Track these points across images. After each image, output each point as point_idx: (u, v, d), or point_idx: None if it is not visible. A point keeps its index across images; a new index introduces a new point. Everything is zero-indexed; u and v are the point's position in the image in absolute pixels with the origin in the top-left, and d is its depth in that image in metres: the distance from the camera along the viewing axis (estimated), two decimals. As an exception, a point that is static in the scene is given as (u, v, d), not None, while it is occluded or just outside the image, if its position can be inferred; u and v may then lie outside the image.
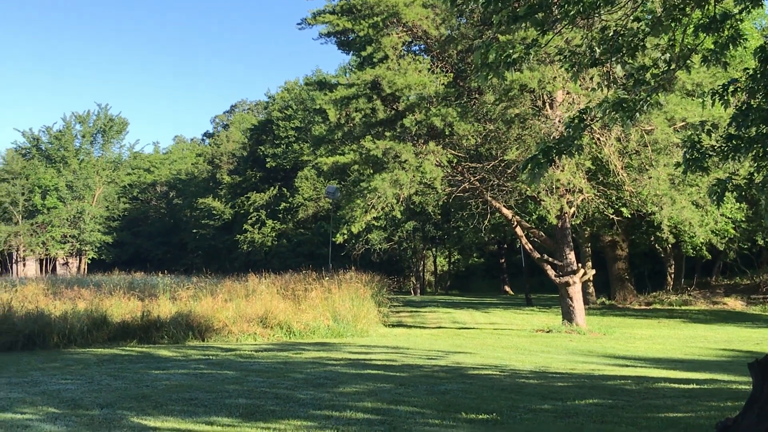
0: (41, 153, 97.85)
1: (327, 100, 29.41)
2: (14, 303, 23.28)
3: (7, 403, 11.23)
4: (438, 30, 28.25)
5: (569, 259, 28.54)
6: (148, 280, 36.99)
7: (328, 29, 29.89)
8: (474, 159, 29.44)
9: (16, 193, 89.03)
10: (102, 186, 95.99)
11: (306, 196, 72.86)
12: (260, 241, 73.79)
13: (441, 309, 41.03)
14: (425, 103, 27.33)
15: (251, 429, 9.37)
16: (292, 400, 11.55)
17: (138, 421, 9.83)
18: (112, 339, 22.31)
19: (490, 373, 15.55)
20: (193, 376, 14.54)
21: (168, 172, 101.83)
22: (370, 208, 26.96)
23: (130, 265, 70.63)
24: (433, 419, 10.06)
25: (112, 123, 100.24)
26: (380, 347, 21.24)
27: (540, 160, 9.70)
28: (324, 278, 30.91)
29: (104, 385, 13.20)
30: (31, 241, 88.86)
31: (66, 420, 9.94)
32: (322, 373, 14.86)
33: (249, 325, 24.25)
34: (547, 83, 24.94)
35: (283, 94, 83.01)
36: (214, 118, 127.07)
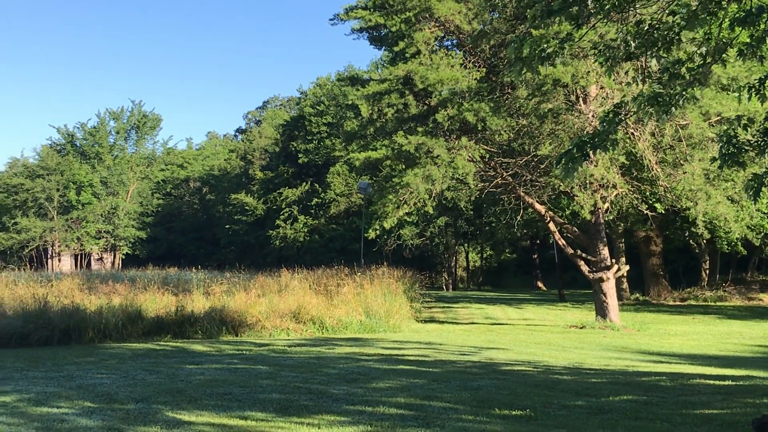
0: (76, 149, 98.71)
1: (359, 96, 29.42)
2: (50, 298, 23.45)
3: (44, 397, 11.33)
4: (470, 25, 28.14)
5: (603, 255, 28.36)
6: (182, 276, 37.16)
7: (360, 25, 29.88)
8: (507, 154, 29.32)
9: (52, 189, 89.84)
10: (136, 182, 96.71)
11: (338, 192, 72.95)
12: (292, 237, 74.00)
13: (473, 305, 40.96)
14: (458, 99, 27.26)
15: (285, 424, 9.39)
16: (326, 395, 11.56)
17: (173, 416, 9.88)
18: (146, 334, 22.44)
19: (523, 369, 15.48)
20: (227, 371, 14.60)
21: (201, 168, 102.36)
22: (402, 204, 26.94)
23: (164, 260, 71.17)
24: (467, 415, 10.03)
25: (146, 119, 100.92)
26: (413, 343, 21.22)
27: (574, 154, 9.64)
28: (356, 274, 30.92)
29: (139, 379, 13.29)
30: (66, 236, 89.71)
31: (101, 414, 10.02)
32: (355, 369, 14.87)
33: (282, 320, 24.31)
34: (581, 78, 24.78)
35: (315, 90, 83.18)
36: (247, 114, 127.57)
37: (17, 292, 26.31)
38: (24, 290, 26.86)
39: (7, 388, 12.31)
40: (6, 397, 11.35)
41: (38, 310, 21.70)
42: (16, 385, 12.61)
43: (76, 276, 39.57)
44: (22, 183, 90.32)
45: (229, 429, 9.13)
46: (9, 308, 22.50)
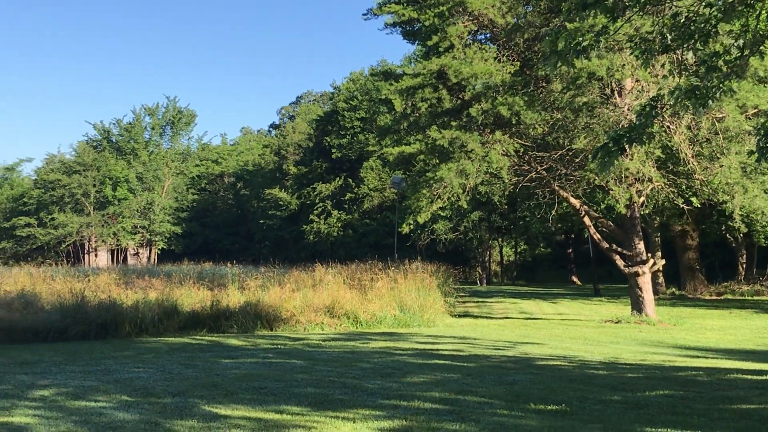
0: (112, 145, 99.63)
1: (392, 90, 29.38)
2: (87, 293, 23.65)
3: (82, 391, 11.43)
4: (504, 18, 28.02)
5: (638, 249, 28.16)
6: (217, 270, 37.37)
7: (393, 19, 29.86)
8: (541, 148, 29.16)
9: (88, 185, 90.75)
10: (171, 177, 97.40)
11: (371, 187, 73.00)
12: (326, 232, 74.17)
13: (507, 299, 40.86)
14: (491, 92, 27.16)
15: (320, 418, 9.41)
16: (360, 389, 11.58)
17: (209, 410, 9.94)
18: (182, 328, 22.55)
19: (558, 363, 15.42)
20: (263, 365, 14.66)
21: (235, 164, 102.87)
22: (436, 198, 26.90)
23: (199, 255, 71.60)
24: (502, 410, 10.01)
25: (181, 115, 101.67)
26: (447, 337, 21.19)
27: (611, 148, 9.58)
28: (390, 268, 30.92)
29: (175, 373, 13.37)
30: (103, 231, 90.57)
31: (139, 408, 10.09)
32: (389, 363, 14.88)
33: (316, 314, 24.37)
34: (616, 71, 24.58)
35: (349, 85, 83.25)
36: (280, 109, 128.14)
37: (55, 287, 26.58)
38: (61, 285, 27.14)
39: (46, 381, 12.44)
40: (45, 390, 11.47)
41: (75, 304, 21.89)
42: (55, 379, 12.74)
43: (112, 271, 40.01)
44: (59, 179, 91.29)
45: (264, 423, 9.16)
46: (47, 303, 22.73)
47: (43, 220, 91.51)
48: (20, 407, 10.10)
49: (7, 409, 9.99)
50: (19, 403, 10.39)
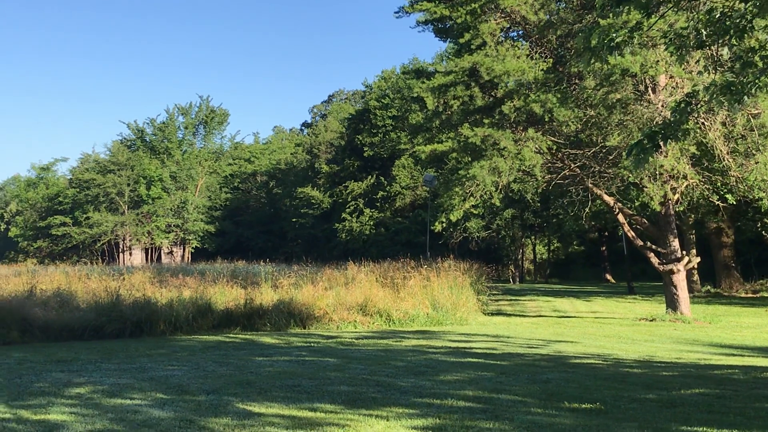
0: (146, 144, 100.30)
1: (424, 88, 29.32)
2: (122, 291, 23.83)
3: (117, 389, 11.52)
4: (537, 15, 27.89)
5: (673, 247, 27.94)
6: (250, 269, 37.52)
7: (425, 17, 29.82)
8: (574, 145, 29.02)
9: (122, 184, 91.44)
10: (204, 176, 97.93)
11: (403, 185, 72.98)
12: (358, 230, 74.23)
13: (541, 297, 40.71)
14: (524, 90, 27.07)
15: (354, 416, 9.41)
16: (394, 387, 11.57)
17: (243, 407, 9.98)
18: (216, 326, 22.68)
19: (592, 362, 15.34)
20: (296, 363, 14.70)
21: (268, 162, 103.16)
22: (469, 196, 26.85)
23: (232, 253, 71.94)
24: (536, 408, 9.96)
25: (214, 114, 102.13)
26: (480, 336, 21.15)
27: (645, 145, 9.51)
28: (422, 266, 30.89)
29: (210, 371, 13.44)
30: (137, 230, 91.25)
31: (174, 405, 10.15)
32: (422, 361, 14.86)
33: (349, 312, 24.40)
34: (650, 67, 24.40)
35: (380, 83, 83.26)
36: (312, 108, 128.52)
37: (90, 286, 26.83)
38: (96, 284, 27.39)
39: (82, 379, 12.54)
40: (80, 388, 11.57)
41: (111, 303, 22.07)
42: (90, 377, 12.84)
43: (146, 269, 40.29)
44: (94, 178, 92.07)
45: (298, 420, 9.18)
46: (82, 301, 22.93)
47: (78, 219, 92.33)
48: (57, 404, 10.20)
49: (43, 406, 10.09)
50: (55, 401, 10.49)
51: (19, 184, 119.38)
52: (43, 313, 20.98)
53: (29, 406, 10.10)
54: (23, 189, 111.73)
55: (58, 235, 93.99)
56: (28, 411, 9.79)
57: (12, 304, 20.89)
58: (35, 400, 10.61)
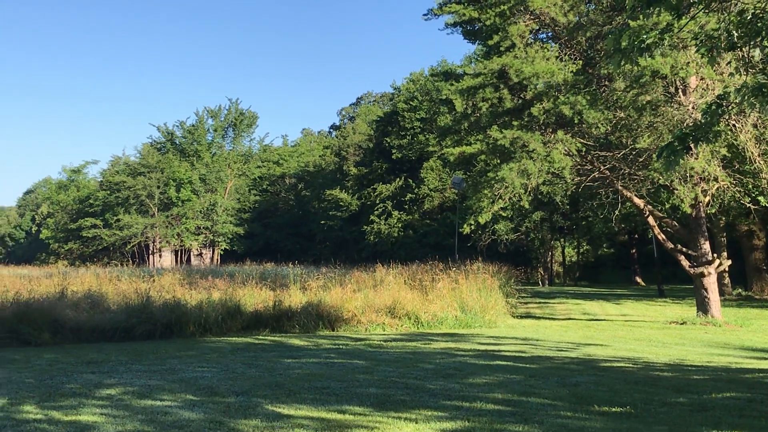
0: (175, 147, 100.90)
1: (453, 91, 29.27)
2: (152, 293, 23.97)
3: (147, 390, 11.60)
4: (566, 17, 27.79)
5: (704, 249, 27.72)
6: (279, 271, 37.62)
7: (454, 19, 29.80)
8: (604, 147, 28.87)
9: (152, 187, 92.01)
10: (233, 178, 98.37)
11: (432, 187, 72.89)
12: (386, 232, 74.21)
13: (570, 300, 40.53)
14: (553, 92, 26.97)
15: (383, 418, 9.42)
16: (423, 390, 11.57)
17: (272, 409, 10.02)
18: (245, 328, 22.74)
19: (622, 365, 15.24)
20: (325, 365, 14.73)
21: (296, 165, 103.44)
22: (497, 199, 26.79)
23: (261, 255, 72.21)
24: (565, 411, 9.93)
25: (243, 117, 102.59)
26: (509, 338, 21.08)
27: (676, 147, 9.44)
28: (451, 269, 30.82)
29: (239, 373, 13.50)
30: (167, 232, 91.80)
31: (203, 407, 10.21)
32: (451, 364, 14.84)
33: (377, 315, 24.38)
34: (680, 69, 24.23)
35: (409, 86, 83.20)
36: (341, 110, 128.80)
37: (121, 288, 27.02)
38: (127, 285, 27.58)
39: (112, 380, 12.64)
40: (111, 389, 11.66)
41: (141, 304, 22.20)
42: (121, 378, 12.94)
43: (176, 271, 40.53)
44: (124, 180, 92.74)
45: (327, 423, 9.20)
46: (113, 303, 23.09)
47: (109, 222, 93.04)
48: (87, 406, 10.29)
49: (74, 407, 10.18)
50: (86, 402, 10.58)
51: (51, 186, 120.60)
52: (74, 315, 21.13)
53: (60, 407, 10.20)
54: (54, 191, 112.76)
55: (88, 237, 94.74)
56: (60, 412, 9.89)
57: (43, 305, 21.06)
58: (66, 401, 10.71)
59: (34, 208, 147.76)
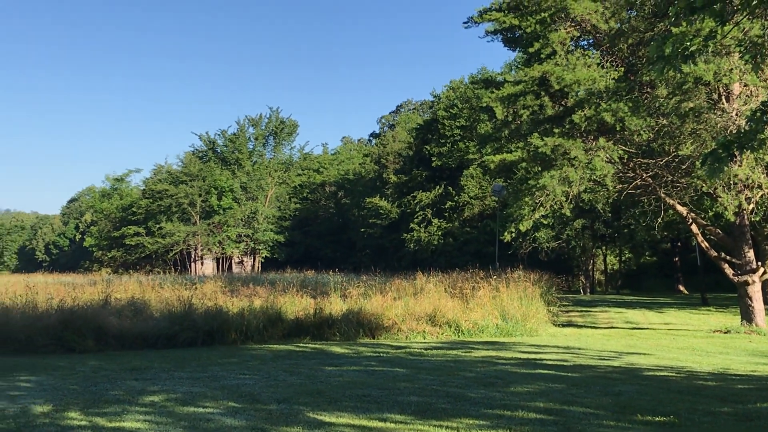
0: (217, 155, 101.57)
1: (494, 98, 29.20)
2: (194, 300, 24.12)
3: (190, 397, 11.69)
4: (607, 24, 27.64)
5: (748, 258, 27.40)
6: (319, 278, 37.76)
7: (494, 27, 29.76)
8: (646, 155, 28.65)
9: (194, 195, 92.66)
10: (274, 187, 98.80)
11: (472, 195, 72.66)
12: (426, 240, 74.06)
13: (612, 309, 40.21)
14: (595, 99, 26.80)
15: (424, 426, 9.42)
16: (464, 398, 11.55)
17: (314, 416, 10.05)
18: (286, 335, 22.84)
19: (665, 374, 15.10)
20: (365, 373, 14.75)
21: (336, 173, 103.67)
22: (538, 206, 26.68)
23: (301, 263, 72.43)
24: (608, 421, 9.86)
25: (283, 125, 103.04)
26: (551, 347, 20.97)
27: (720, 154, 9.34)
28: (491, 277, 30.73)
29: (280, 380, 13.56)
30: (209, 240, 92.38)
31: (245, 414, 10.27)
32: (492, 372, 14.80)
33: (418, 323, 24.36)
34: (724, 75, 23.99)
35: (449, 93, 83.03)
36: (381, 118, 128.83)
37: (163, 295, 27.25)
38: (169, 293, 27.82)
39: (155, 387, 12.76)
40: (154, 396, 11.77)
41: (183, 312, 22.37)
42: (164, 385, 13.06)
43: (218, 279, 40.82)
44: (167, 189, 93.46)
45: (368, 430, 9.22)
46: (156, 310, 23.29)
47: (151, 230, 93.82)
48: (131, 412, 10.40)
49: (118, 414, 10.30)
50: (130, 409, 10.69)
51: (94, 194, 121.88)
52: (118, 322, 21.35)
53: (104, 414, 10.31)
54: (98, 200, 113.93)
55: (131, 245, 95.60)
56: (104, 418, 9.99)
57: (88, 312, 21.29)
58: (110, 407, 10.83)
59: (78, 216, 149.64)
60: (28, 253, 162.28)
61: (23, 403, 11.23)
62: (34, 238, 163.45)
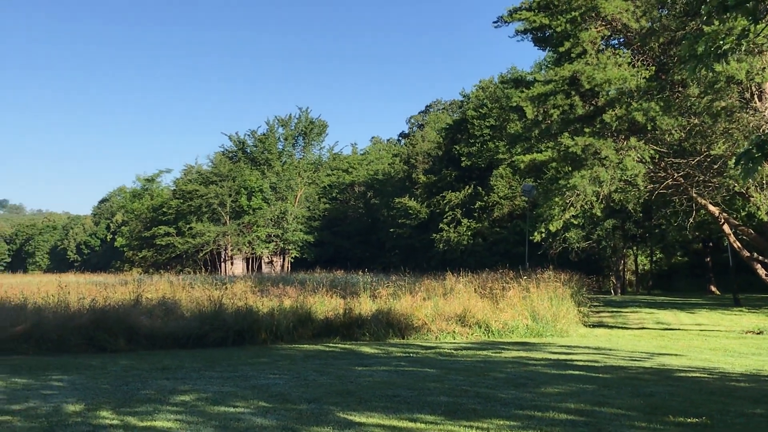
0: (247, 156, 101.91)
1: (524, 98, 29.15)
2: (224, 300, 24.19)
3: (221, 397, 11.74)
4: (638, 23, 27.51)
5: (781, 258, 27.15)
6: (349, 278, 37.76)
7: (524, 26, 29.72)
8: (678, 154, 28.48)
9: (224, 195, 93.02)
10: (303, 187, 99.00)
11: (501, 195, 72.45)
12: (456, 240, 73.92)
13: (643, 309, 39.92)
14: (626, 98, 26.68)
15: (454, 427, 9.40)
16: (494, 399, 11.52)
17: (344, 416, 10.06)
18: (316, 335, 22.86)
19: (697, 375, 14.99)
20: (395, 373, 14.74)
21: (365, 173, 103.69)
22: (569, 206, 26.61)
23: (331, 263, 72.52)
24: (639, 422, 9.79)
25: (313, 126, 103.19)
26: (581, 348, 20.86)
27: (754, 154, 9.22)
28: (521, 277, 30.61)
29: (310, 380, 13.59)
30: (238, 240, 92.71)
31: (276, 414, 10.29)
32: (522, 373, 14.75)
33: (447, 323, 24.31)
34: (756, 74, 23.81)
35: (478, 93, 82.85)
36: (410, 118, 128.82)
37: (194, 295, 27.36)
38: (200, 293, 27.92)
39: (186, 387, 12.82)
40: (185, 396, 11.83)
41: (213, 312, 22.44)
42: (194, 385, 13.12)
43: (248, 279, 40.94)
44: (197, 189, 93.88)
45: (399, 431, 9.22)
46: (186, 310, 23.37)
47: (182, 230, 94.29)
48: (162, 412, 10.46)
49: (150, 413, 10.36)
50: (161, 408, 10.75)
51: (125, 195, 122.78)
52: (149, 322, 21.47)
53: (136, 413, 10.37)
54: (129, 200, 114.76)
55: (162, 245, 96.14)
56: (135, 418, 10.05)
57: (119, 312, 21.42)
58: (142, 407, 10.90)
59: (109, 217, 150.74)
60: (60, 253, 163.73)
61: (56, 402, 11.32)
62: (66, 238, 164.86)
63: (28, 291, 29.33)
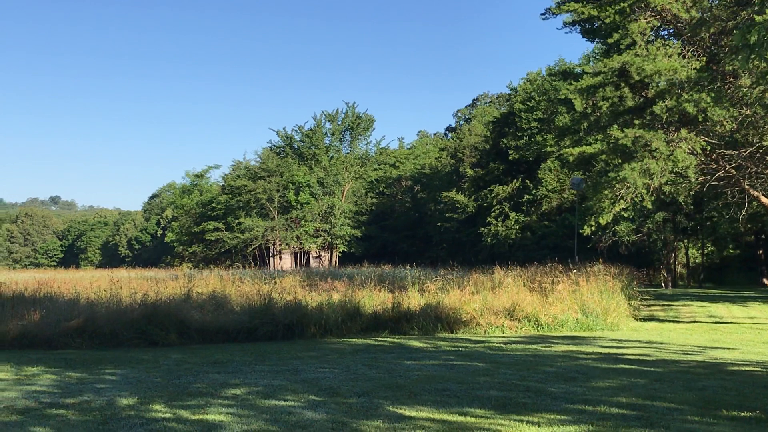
0: (294, 151, 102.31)
1: (572, 90, 28.95)
2: (274, 295, 24.35)
3: (271, 390, 11.83)
4: (689, 13, 27.15)
5: (837, 250, 26.69)
6: (396, 273, 37.78)
7: (572, 18, 29.48)
8: (729, 146, 28.11)
9: (272, 190, 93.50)
10: (350, 181, 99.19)
11: (550, 188, 72.01)
12: (504, 234, 73.62)
13: (695, 302, 39.48)
14: (676, 89, 26.37)
15: (504, 421, 9.39)
16: (544, 393, 11.48)
17: (394, 410, 10.09)
18: (364, 330, 22.91)
19: (751, 369, 14.80)
20: (444, 367, 14.74)
21: (412, 167, 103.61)
22: (619, 199, 26.38)
23: (378, 258, 72.61)
24: (692, 416, 9.71)
25: (359, 120, 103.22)
26: (632, 341, 20.69)
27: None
28: (571, 271, 30.42)
29: (360, 374, 13.64)
30: (287, 235, 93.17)
31: (326, 407, 10.35)
32: (573, 367, 14.67)
33: (496, 317, 24.22)
34: (810, 63, 23.38)
35: (526, 86, 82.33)
36: (456, 112, 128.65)
37: (243, 289, 27.58)
38: (249, 287, 28.14)
39: (237, 380, 12.94)
40: (236, 389, 11.94)
41: (263, 306, 22.61)
42: (245, 378, 13.23)
43: (296, 273, 41.19)
44: (245, 184, 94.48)
45: (449, 425, 9.22)
46: (236, 304, 23.56)
47: (231, 225, 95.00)
48: (214, 405, 10.56)
49: (201, 407, 10.47)
50: (212, 401, 10.86)
51: (175, 191, 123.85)
52: (200, 316, 21.67)
53: (188, 407, 10.49)
54: (178, 196, 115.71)
55: (211, 240, 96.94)
56: (187, 411, 10.17)
57: (170, 307, 21.65)
58: (193, 400, 11.01)
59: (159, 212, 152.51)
60: (111, 249, 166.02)
61: (109, 395, 11.49)
62: (117, 233, 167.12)
63: (81, 286, 29.79)
